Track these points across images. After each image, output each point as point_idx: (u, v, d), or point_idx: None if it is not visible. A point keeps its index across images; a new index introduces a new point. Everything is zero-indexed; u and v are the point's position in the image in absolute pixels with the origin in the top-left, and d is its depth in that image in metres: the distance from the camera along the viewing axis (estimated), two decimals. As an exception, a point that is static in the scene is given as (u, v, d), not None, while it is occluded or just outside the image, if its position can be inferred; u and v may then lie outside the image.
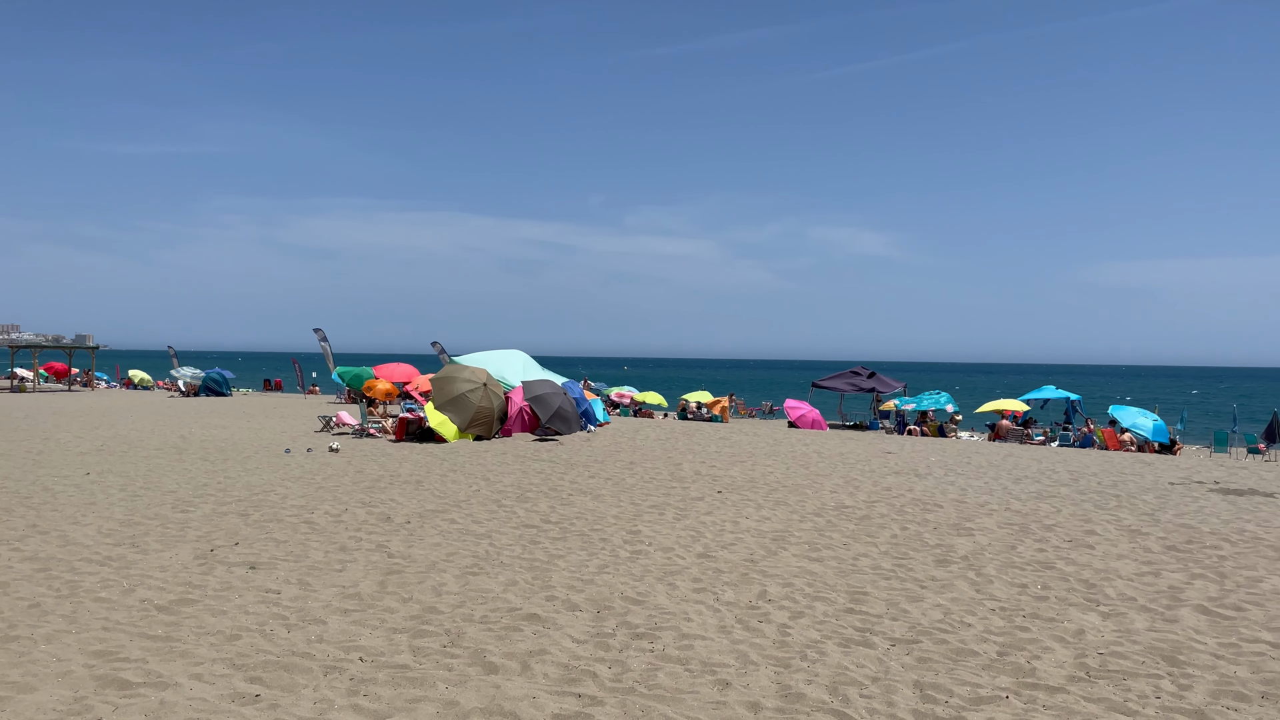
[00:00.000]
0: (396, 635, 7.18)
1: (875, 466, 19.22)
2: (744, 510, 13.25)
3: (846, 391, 37.37)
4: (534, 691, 6.03)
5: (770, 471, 17.79)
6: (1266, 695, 6.28)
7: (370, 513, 12.43)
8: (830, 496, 14.75)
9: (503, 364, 25.90)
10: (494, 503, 13.39)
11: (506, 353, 26.71)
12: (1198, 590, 9.14)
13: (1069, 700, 6.11)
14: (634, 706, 5.81)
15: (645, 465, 18.21)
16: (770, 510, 13.32)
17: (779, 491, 15.16)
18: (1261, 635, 7.68)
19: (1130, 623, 7.98)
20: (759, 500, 14.19)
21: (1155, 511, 13.82)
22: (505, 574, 9.20)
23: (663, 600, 8.36)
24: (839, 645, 7.20)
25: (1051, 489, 16.19)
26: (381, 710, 5.70)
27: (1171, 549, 11.08)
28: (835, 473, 17.91)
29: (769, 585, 9.01)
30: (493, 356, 26.31)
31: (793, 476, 17.12)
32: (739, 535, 11.44)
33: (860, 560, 10.24)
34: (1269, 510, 14.23)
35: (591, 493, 14.52)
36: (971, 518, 13.02)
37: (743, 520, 12.46)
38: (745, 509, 13.36)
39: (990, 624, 7.88)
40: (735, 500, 14.12)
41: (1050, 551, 10.84)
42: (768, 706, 5.88)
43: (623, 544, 10.76)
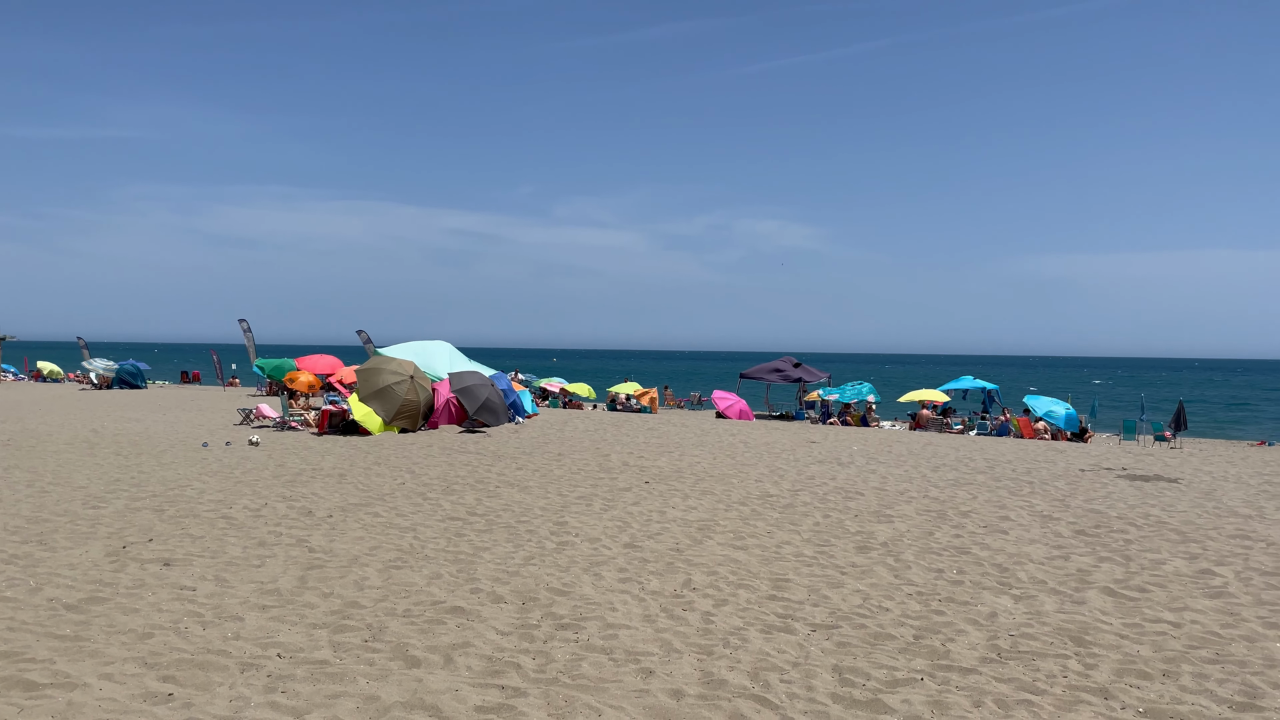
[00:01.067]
0: (316, 631, 7.06)
1: (800, 456, 19.51)
2: (671, 500, 13.34)
3: (773, 382, 37.84)
4: (456, 684, 6.00)
5: (697, 462, 17.93)
6: (1167, 673, 6.55)
7: (291, 507, 12.19)
8: (755, 486, 14.93)
9: (429, 355, 25.60)
10: (419, 496, 13.25)
11: (433, 344, 26.41)
12: (1104, 573, 9.49)
13: (981, 681, 6.30)
14: (557, 697, 5.82)
15: (573, 457, 18.20)
16: (697, 500, 13.43)
17: (705, 481, 15.29)
18: (1164, 615, 8.01)
19: (1040, 605, 8.25)
20: (686, 490, 14.30)
21: (1066, 497, 14.30)
22: (429, 567, 9.12)
23: (588, 591, 8.38)
24: (761, 632, 7.30)
25: (968, 476, 16.64)
26: (299, 707, 5.61)
27: (1081, 533, 11.48)
28: (761, 462, 18.13)
29: (694, 574, 9.10)
30: (419, 348, 25.99)
31: (719, 466, 17.29)
32: (665, 525, 11.51)
33: (783, 548, 10.39)
34: (1173, 495, 14.83)
35: (519, 485, 14.46)
36: (892, 505, 13.30)
37: (669, 510, 12.54)
38: (672, 499, 13.45)
39: (908, 608, 8.07)
40: (662, 490, 14.21)
41: (966, 537, 11.15)
42: (690, 694, 5.94)
43: (549, 535, 10.74)
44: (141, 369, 44.70)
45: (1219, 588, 8.94)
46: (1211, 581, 9.18)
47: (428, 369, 24.57)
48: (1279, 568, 9.80)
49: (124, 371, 43.39)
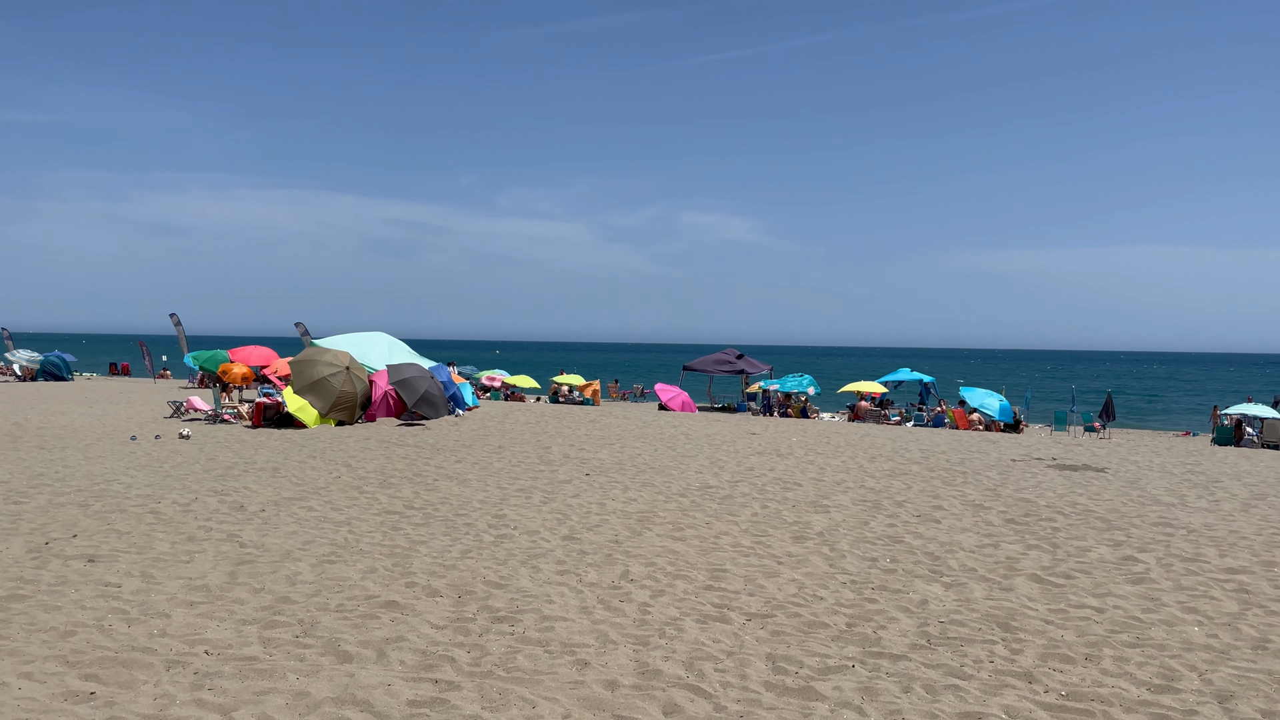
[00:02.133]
0: (246, 627, 6.94)
1: (740, 447, 19.65)
2: (611, 492, 13.34)
3: (716, 374, 38.05)
4: (389, 679, 5.94)
5: (638, 454, 17.96)
6: (1089, 657, 6.74)
7: (222, 501, 11.95)
8: (695, 477, 15.01)
9: (366, 347, 25.25)
10: (355, 489, 13.08)
11: (370, 335, 26.05)
12: (1032, 560, 9.72)
13: (910, 667, 6.42)
14: (491, 690, 5.80)
15: (514, 449, 18.11)
16: (637, 491, 13.46)
17: (646, 473, 15.33)
18: (1087, 601, 8.24)
19: (970, 592, 8.43)
20: (626, 482, 14.32)
21: (997, 487, 14.62)
22: (364, 561, 9.01)
23: (525, 583, 8.35)
24: (697, 622, 7.35)
25: (904, 467, 16.91)
26: (226, 704, 5.50)
27: (1010, 522, 11.75)
28: (701, 454, 18.22)
29: (632, 565, 9.12)
30: (356, 339, 25.62)
31: (660, 458, 17.34)
32: (605, 517, 11.52)
33: (721, 539, 10.47)
34: (1100, 484, 15.24)
35: (457, 477, 14.35)
36: (829, 495, 13.47)
37: (609, 502, 12.55)
38: (612, 491, 13.46)
39: (841, 597, 8.19)
40: (603, 482, 14.21)
41: (900, 526, 11.33)
42: (624, 684, 5.96)
43: (487, 528, 10.68)
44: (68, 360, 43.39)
45: (1141, 574, 9.22)
46: (1134, 568, 9.46)
47: (365, 361, 24.24)
48: (1199, 554, 10.13)
49: (49, 363, 42.07)
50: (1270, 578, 9.13)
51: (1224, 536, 11.09)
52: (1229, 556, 10.03)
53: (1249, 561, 9.82)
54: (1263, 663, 6.66)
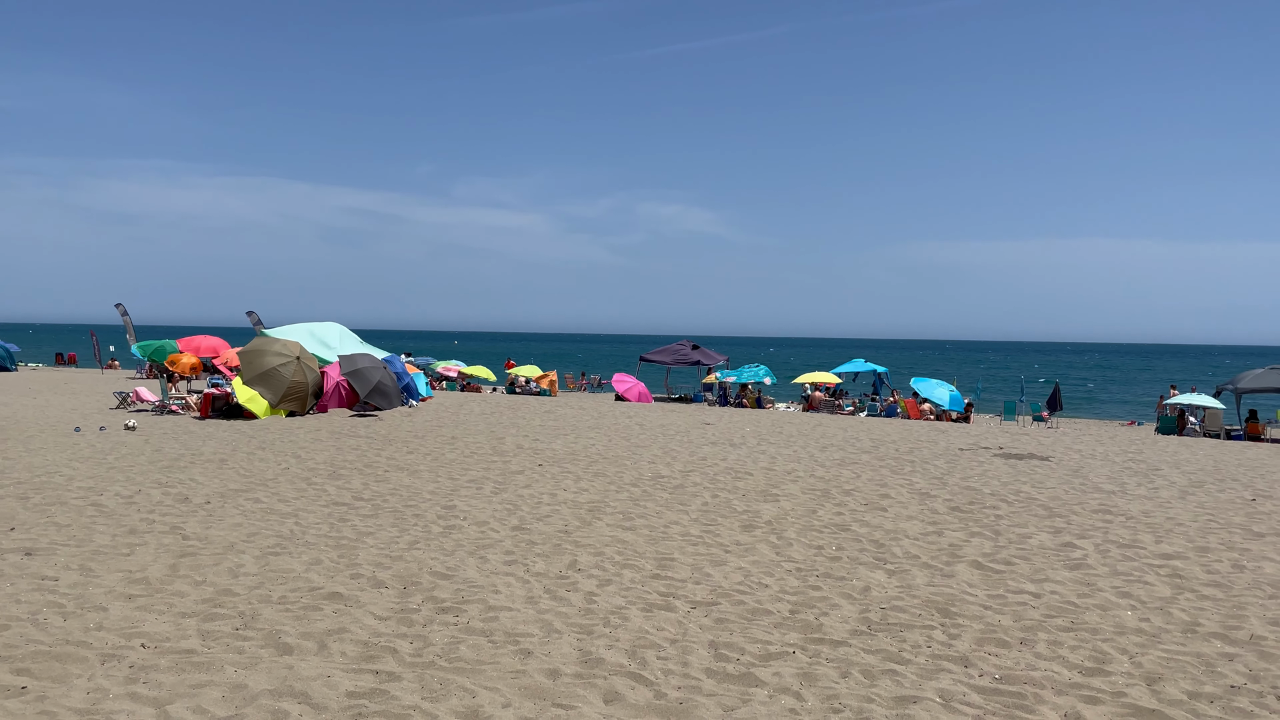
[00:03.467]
0: (185, 620, 6.85)
1: (694, 437, 19.74)
2: (563, 483, 13.34)
3: (673, 365, 38.16)
4: (329, 670, 5.90)
5: (592, 444, 17.98)
6: (1024, 641, 6.88)
7: (166, 493, 11.77)
8: (648, 467, 15.06)
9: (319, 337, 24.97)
10: (304, 481, 12.95)
11: (322, 325, 25.76)
12: (974, 547, 9.90)
13: (850, 652, 6.51)
14: (432, 680, 5.79)
15: (467, 440, 18.03)
16: (589, 482, 13.47)
17: (599, 463, 15.35)
18: (1025, 586, 8.40)
19: (912, 579, 8.56)
20: (579, 472, 14.33)
21: (944, 475, 14.84)
22: (309, 553, 8.93)
23: (472, 574, 8.34)
24: (642, 610, 7.39)
25: (854, 456, 17.10)
26: (161, 697, 5.44)
27: (955, 509, 11.94)
28: (655, 444, 18.28)
29: (580, 555, 9.14)
30: (308, 329, 25.32)
31: (614, 449, 17.37)
32: (556, 507, 11.52)
33: (671, 528, 10.52)
34: (1043, 472, 15.54)
35: (408, 469, 14.27)
36: (778, 484, 13.59)
37: (560, 492, 12.55)
38: (564, 481, 13.46)
39: (786, 584, 8.28)
40: (555, 473, 14.20)
41: (847, 515, 11.47)
42: (566, 673, 5.98)
43: (436, 519, 10.64)
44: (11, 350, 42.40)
45: (1079, 559, 9.42)
46: (1072, 554, 9.67)
47: (317, 351, 23.97)
48: (1135, 540, 10.38)
49: (-9, 353, 41.07)
50: (1203, 563, 9.38)
51: (1161, 523, 11.36)
52: (1164, 542, 10.28)
53: (1184, 547, 10.07)
54: (1192, 645, 6.85)
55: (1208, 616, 7.57)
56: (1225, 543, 10.34)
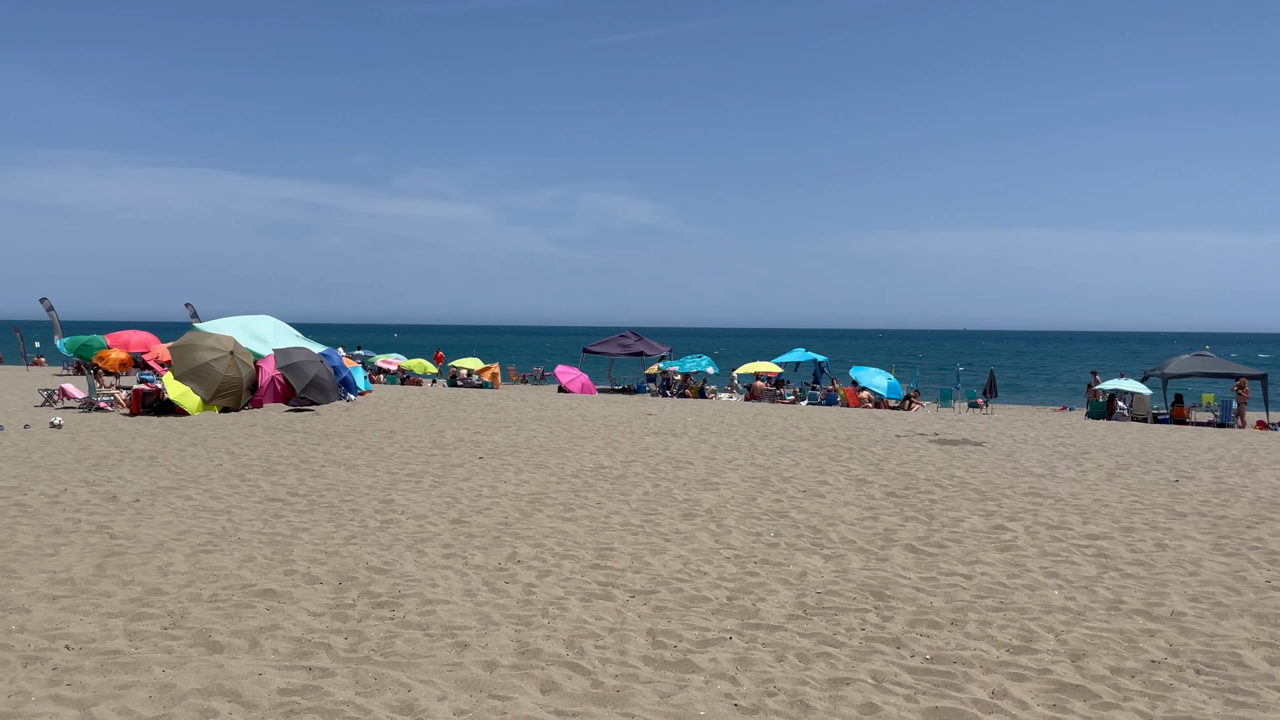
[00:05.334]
0: (111, 620, 6.68)
1: (636, 428, 19.77)
2: (503, 475, 13.28)
3: (616, 356, 38.17)
4: (261, 668, 5.81)
5: (534, 436, 17.91)
6: (955, 622, 7.03)
7: (94, 492, 11.46)
8: (590, 458, 15.05)
9: (252, 330, 24.48)
10: (237, 477, 12.70)
11: (256, 318, 25.25)
12: (909, 531, 10.07)
13: (786, 637, 6.59)
14: (367, 675, 5.73)
15: (406, 434, 17.84)
16: (530, 474, 13.43)
17: (540, 455, 15.30)
18: (957, 569, 8.58)
19: (848, 563, 8.69)
20: (519, 464, 14.27)
21: (881, 461, 15.08)
22: (242, 550, 8.77)
23: (410, 568, 8.26)
24: (581, 600, 7.39)
25: (793, 444, 17.29)
26: (86, 699, 5.30)
27: (891, 495, 12.14)
28: (597, 435, 18.28)
29: (519, 547, 9.11)
30: (241, 322, 24.80)
31: (555, 440, 17.32)
32: (496, 500, 11.46)
33: (611, 518, 10.53)
34: (977, 457, 15.87)
35: (345, 463, 14.07)
36: (719, 473, 13.69)
37: (501, 485, 12.49)
38: (505, 473, 13.39)
39: (724, 571, 8.34)
40: (496, 465, 14.13)
41: (786, 501, 11.60)
42: (503, 664, 5.96)
43: (373, 514, 10.51)
44: (-70, 348, 40.85)
45: (1009, 541, 9.65)
46: (1003, 536, 9.89)
47: (251, 345, 23.50)
48: (1063, 521, 10.65)
49: (-91, 351, 39.56)
50: (1128, 543, 9.67)
51: (1088, 505, 11.67)
52: (1091, 524, 10.57)
53: (1109, 528, 10.36)
54: (1115, 623, 7.06)
55: (1131, 594, 7.80)
56: (1149, 523, 10.66)
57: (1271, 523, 10.73)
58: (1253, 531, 10.25)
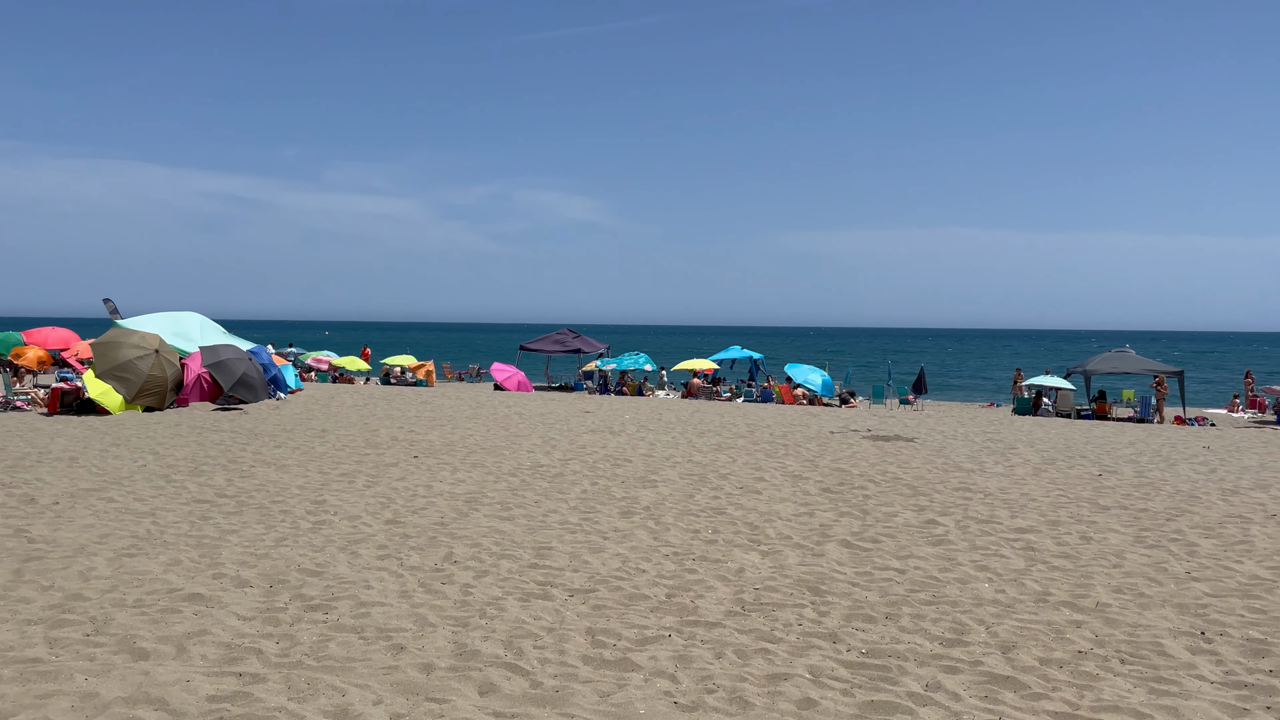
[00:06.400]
0: (30, 627, 6.44)
1: (573, 426, 19.72)
2: (439, 474, 13.13)
3: (553, 353, 38.01)
4: (189, 675, 5.64)
5: (470, 434, 17.75)
6: (889, 616, 7.14)
7: (10, 495, 11.03)
8: (527, 456, 14.96)
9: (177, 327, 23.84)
10: (162, 478, 12.34)
11: (181, 315, 24.60)
12: (844, 526, 10.21)
13: (724, 633, 6.62)
14: (299, 680, 5.60)
15: (339, 433, 17.54)
16: (466, 473, 13.30)
17: (477, 454, 15.16)
18: (891, 563, 8.72)
19: (784, 559, 8.77)
20: (456, 463, 14.12)
21: (816, 458, 15.26)
22: (167, 554, 8.52)
23: (343, 570, 8.11)
24: (519, 600, 7.34)
25: (730, 441, 17.41)
26: (4, 710, 5.09)
27: (826, 491, 12.29)
28: (534, 433, 18.18)
29: (456, 547, 9.01)
30: (166, 319, 24.14)
31: (492, 438, 17.19)
32: (431, 499, 11.32)
33: (550, 517, 10.48)
34: (909, 453, 16.15)
35: (276, 463, 13.77)
36: (657, 470, 13.71)
37: (436, 484, 12.34)
38: (440, 473, 13.24)
39: (663, 569, 8.36)
40: (431, 465, 13.96)
41: (723, 498, 11.67)
42: (441, 666, 5.88)
43: (305, 515, 10.30)
44: None
45: (940, 536, 9.83)
46: (935, 530, 10.08)
47: (177, 343, 22.88)
48: (993, 516, 10.89)
49: None
50: (1054, 536, 9.92)
51: (1016, 499, 11.96)
52: (1019, 517, 10.83)
53: (1036, 521, 10.63)
54: (1043, 614, 7.24)
55: (1058, 586, 8.01)
56: (1074, 516, 10.96)
57: (1190, 515, 11.11)
58: (1172, 524, 10.60)
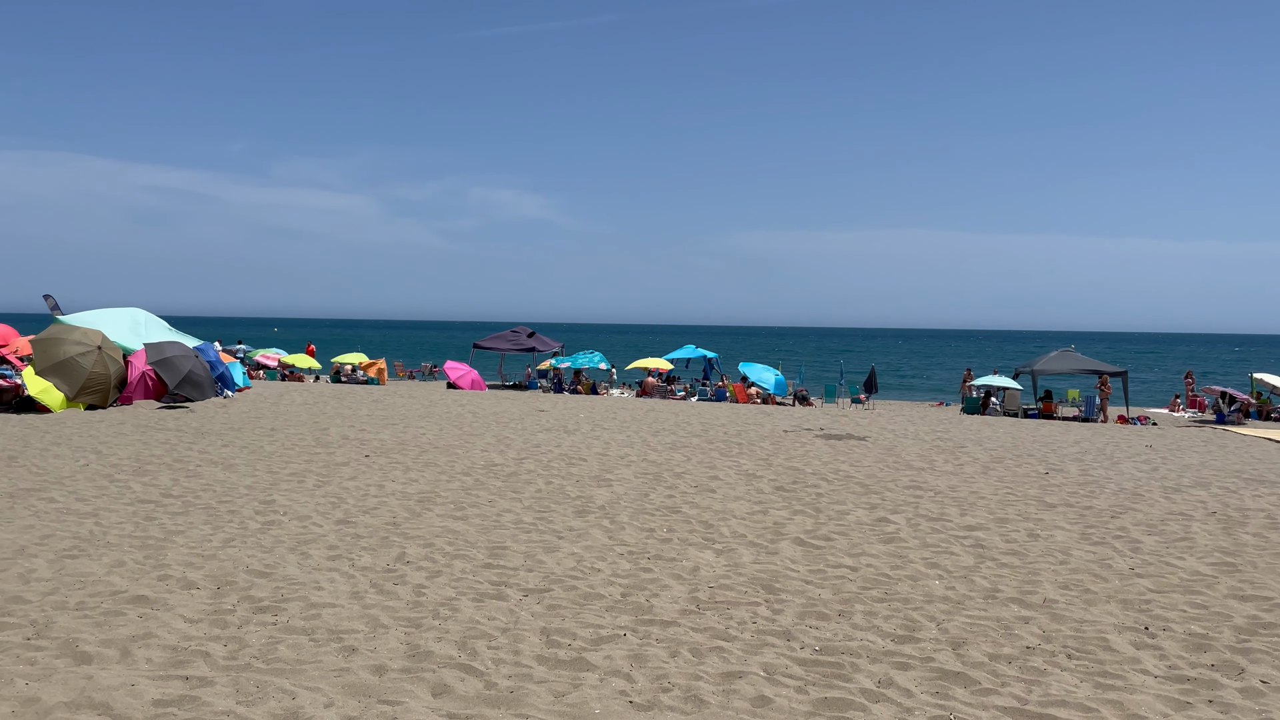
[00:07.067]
0: (-35, 633, 6.24)
1: (528, 425, 19.63)
2: (391, 474, 12.99)
3: (507, 351, 37.81)
4: (133, 679, 5.52)
5: (423, 433, 17.59)
6: (842, 613, 7.20)
7: (-56, 495, 10.70)
8: (481, 455, 14.86)
9: (121, 324, 23.32)
10: (105, 478, 12.06)
11: (125, 311, 24.05)
12: (797, 524, 10.28)
13: (679, 632, 6.63)
14: (248, 683, 5.50)
15: (288, 431, 17.28)
16: (419, 472, 13.17)
17: (430, 453, 15.03)
18: (844, 561, 8.80)
19: (739, 557, 8.81)
20: (408, 463, 13.98)
21: (769, 456, 15.36)
22: (111, 555, 8.32)
23: (293, 571, 7.99)
24: (473, 600, 7.28)
25: (685, 440, 17.45)
26: (-63, 720, 4.94)
27: (780, 489, 12.37)
28: (489, 432, 18.07)
29: (409, 547, 8.91)
30: (109, 315, 23.59)
31: (445, 437, 17.05)
32: (383, 499, 11.20)
33: (504, 516, 10.42)
34: (860, 452, 16.32)
35: (223, 463, 13.53)
36: (612, 469, 13.70)
37: (389, 484, 12.21)
38: (393, 472, 13.10)
39: (618, 568, 8.35)
40: (383, 464, 13.81)
41: (678, 497, 11.69)
42: (393, 668, 5.82)
43: (253, 515, 10.13)
44: None
45: (892, 533, 9.95)
46: (886, 528, 10.20)
47: (121, 339, 22.38)
48: (943, 513, 11.04)
49: None
50: (1002, 533, 10.09)
51: (965, 497, 12.14)
52: (969, 515, 10.99)
53: (985, 519, 10.80)
54: (992, 610, 7.35)
55: (1006, 583, 8.14)
56: (1022, 514, 11.15)
57: (1133, 512, 11.37)
58: (1116, 521, 10.84)
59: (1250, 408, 28.71)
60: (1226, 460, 16.86)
